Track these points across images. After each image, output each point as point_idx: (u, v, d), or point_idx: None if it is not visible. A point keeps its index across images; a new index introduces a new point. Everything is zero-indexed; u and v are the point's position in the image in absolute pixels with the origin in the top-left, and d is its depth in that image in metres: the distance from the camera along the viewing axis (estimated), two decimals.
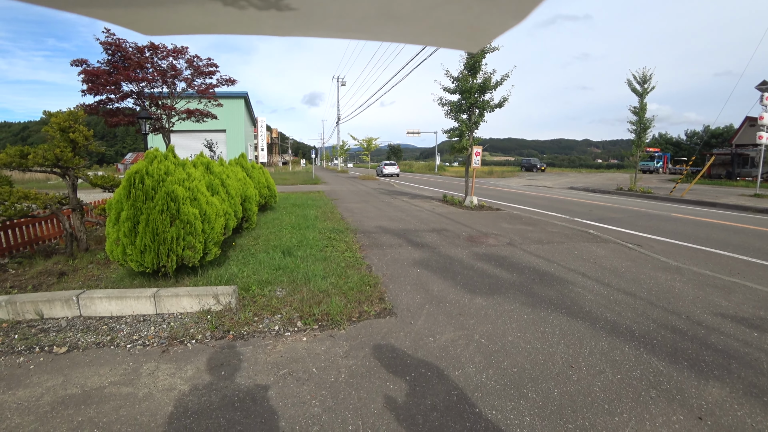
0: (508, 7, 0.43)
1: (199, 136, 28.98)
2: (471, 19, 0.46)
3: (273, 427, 2.32)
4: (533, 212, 11.73)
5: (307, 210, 10.63)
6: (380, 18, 0.47)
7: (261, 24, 0.48)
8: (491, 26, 0.48)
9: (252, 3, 0.43)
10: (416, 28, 0.49)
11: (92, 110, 15.22)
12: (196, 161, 6.43)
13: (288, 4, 0.43)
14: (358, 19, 0.47)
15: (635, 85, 18.33)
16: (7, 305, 3.74)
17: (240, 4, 0.43)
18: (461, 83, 11.66)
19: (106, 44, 14.46)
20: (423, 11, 0.45)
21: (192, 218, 4.44)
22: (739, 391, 2.70)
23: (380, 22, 0.48)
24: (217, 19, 0.47)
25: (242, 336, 3.43)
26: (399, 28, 0.50)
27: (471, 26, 0.48)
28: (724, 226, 9.66)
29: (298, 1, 0.43)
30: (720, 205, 14.08)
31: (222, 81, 17.49)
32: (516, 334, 3.53)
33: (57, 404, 2.54)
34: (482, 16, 0.45)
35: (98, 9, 0.45)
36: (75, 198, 5.71)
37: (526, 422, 2.37)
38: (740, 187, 22.52)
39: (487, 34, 0.50)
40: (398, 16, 0.46)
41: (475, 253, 6.33)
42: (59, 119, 5.38)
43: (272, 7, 0.44)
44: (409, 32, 0.51)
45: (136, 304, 3.84)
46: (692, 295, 4.54)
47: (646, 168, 40.29)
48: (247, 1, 0.43)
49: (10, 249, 5.68)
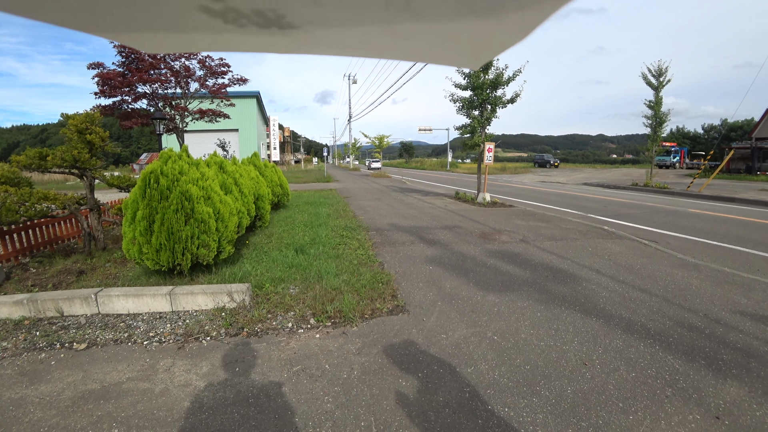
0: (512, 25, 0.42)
1: (212, 135, 29.30)
2: (473, 37, 0.46)
3: (287, 422, 2.35)
4: (547, 209, 11.61)
5: (319, 208, 10.69)
6: (382, 37, 0.47)
7: (262, 42, 0.48)
8: (493, 44, 0.47)
9: (253, 21, 0.43)
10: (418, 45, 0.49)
11: (108, 111, 15.49)
12: (210, 161, 6.51)
13: (290, 23, 0.44)
14: (359, 37, 0.47)
15: (650, 79, 17.98)
16: (29, 303, 3.84)
17: (241, 23, 0.43)
18: (473, 79, 11.58)
19: (120, 47, 14.69)
20: (424, 29, 0.45)
21: (206, 217, 4.50)
22: (758, 391, 2.64)
23: (382, 41, 0.48)
24: (218, 37, 0.47)
25: (256, 333, 3.47)
26: (401, 46, 0.50)
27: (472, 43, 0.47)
28: (743, 222, 9.45)
29: (300, 19, 0.43)
30: (739, 201, 13.77)
31: (234, 80, 17.64)
32: (529, 331, 3.51)
33: (77, 399, 2.61)
34: (485, 34, 0.45)
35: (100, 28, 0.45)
36: (92, 198, 5.83)
37: (539, 420, 2.36)
38: (761, 181, 21.96)
39: (489, 52, 0.50)
40: (400, 34, 0.46)
41: (487, 250, 6.30)
42: (76, 121, 5.49)
43: (273, 25, 0.44)
44: (411, 50, 0.51)
45: (153, 302, 3.92)
46: (710, 293, 4.46)
47: (663, 163, 39.56)
48: (247, 19, 0.43)
49: (31, 248, 5.83)
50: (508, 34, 0.44)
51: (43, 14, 0.42)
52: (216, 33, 0.46)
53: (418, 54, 0.53)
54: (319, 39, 0.48)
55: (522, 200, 13.88)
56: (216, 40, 0.49)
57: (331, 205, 11.37)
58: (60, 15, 0.42)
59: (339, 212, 10.09)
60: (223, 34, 0.46)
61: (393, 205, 11.89)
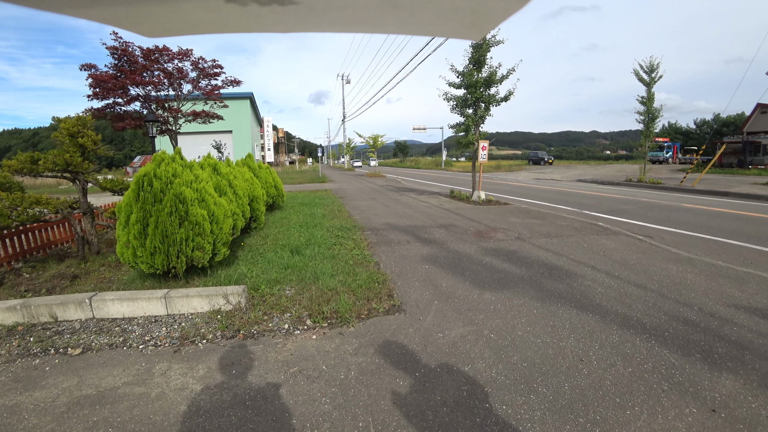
0: None
1: (206, 137, 29.20)
2: (473, 5, 0.46)
3: (284, 424, 2.34)
4: (541, 206, 11.65)
5: (314, 209, 10.67)
6: (383, 9, 0.46)
7: (263, 20, 0.48)
8: (494, 11, 0.47)
9: None
10: (418, 17, 0.49)
11: (100, 114, 15.38)
12: (203, 163, 6.48)
13: None
14: (360, 10, 0.47)
15: (642, 75, 18.09)
16: (23, 309, 3.80)
17: (242, 1, 0.43)
18: (466, 78, 11.59)
19: (112, 49, 14.60)
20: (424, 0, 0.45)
21: (200, 219, 4.47)
22: (753, 383, 2.66)
23: (383, 13, 0.48)
24: (220, 17, 0.47)
25: (252, 335, 3.46)
26: (401, 19, 0.49)
27: (474, 12, 0.47)
28: (736, 216, 9.52)
29: None
30: (732, 195, 13.88)
31: (227, 82, 17.59)
32: (525, 328, 3.51)
33: (73, 405, 2.58)
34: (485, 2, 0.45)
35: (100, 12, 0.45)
36: (85, 202, 5.79)
37: (537, 417, 2.36)
38: (752, 175, 22.16)
39: (490, 21, 0.49)
40: (400, 5, 0.45)
41: (483, 248, 6.31)
42: (68, 125, 5.44)
43: (275, 2, 0.44)
44: (412, 22, 0.51)
45: (148, 306, 3.89)
46: (704, 287, 4.49)
47: (656, 158, 39.80)
48: None
49: (23, 253, 5.78)
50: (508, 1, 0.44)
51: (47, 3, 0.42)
52: (217, 13, 0.46)
53: (420, 27, 0.53)
54: (319, 15, 0.47)
55: (517, 198, 13.92)
56: (217, 21, 0.48)
57: (326, 206, 11.35)
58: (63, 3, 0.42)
59: (334, 212, 10.08)
60: (225, 13, 0.46)
61: (388, 205, 11.88)
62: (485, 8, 0.46)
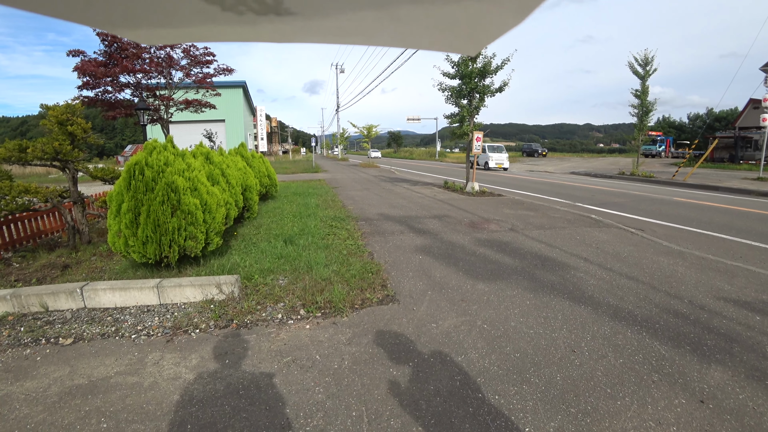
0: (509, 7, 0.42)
1: (198, 126, 28.89)
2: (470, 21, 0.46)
3: (277, 413, 2.35)
4: (535, 197, 11.69)
5: (308, 198, 10.62)
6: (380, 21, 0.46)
7: (260, 30, 0.48)
8: (491, 27, 0.47)
9: (251, 8, 0.43)
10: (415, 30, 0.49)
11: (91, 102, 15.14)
12: (196, 151, 6.41)
13: (287, 9, 0.43)
14: (357, 22, 0.47)
15: (637, 68, 18.12)
16: (13, 298, 3.76)
17: (239, 10, 0.43)
18: (461, 68, 11.54)
19: (102, 35, 14.33)
20: (423, 13, 0.44)
21: (193, 208, 4.43)
22: (741, 375, 2.71)
23: (380, 26, 0.48)
24: (216, 27, 0.47)
25: (246, 324, 3.45)
26: (398, 31, 0.49)
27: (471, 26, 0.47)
28: (727, 210, 9.63)
29: (298, 4, 0.43)
30: (723, 189, 14.02)
31: (219, 70, 17.37)
32: (518, 319, 3.54)
33: (64, 394, 2.57)
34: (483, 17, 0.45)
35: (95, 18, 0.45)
36: (76, 191, 5.71)
37: (529, 407, 2.39)
38: (743, 170, 22.36)
39: (486, 36, 0.50)
40: (397, 18, 0.45)
41: (476, 239, 6.33)
42: (57, 112, 5.34)
43: (271, 11, 0.44)
44: (409, 35, 0.51)
45: (140, 295, 3.86)
46: (695, 280, 4.54)
47: (649, 152, 40.01)
48: (245, 5, 0.42)
49: (13, 243, 5.70)
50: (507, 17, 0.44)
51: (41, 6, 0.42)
52: (213, 22, 0.46)
53: (417, 40, 0.53)
54: (316, 26, 0.47)
55: (510, 189, 13.96)
56: (213, 31, 0.48)
57: (320, 196, 11.31)
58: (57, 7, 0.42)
59: (328, 202, 10.05)
60: (221, 23, 0.46)
61: (382, 195, 11.87)
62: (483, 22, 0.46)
